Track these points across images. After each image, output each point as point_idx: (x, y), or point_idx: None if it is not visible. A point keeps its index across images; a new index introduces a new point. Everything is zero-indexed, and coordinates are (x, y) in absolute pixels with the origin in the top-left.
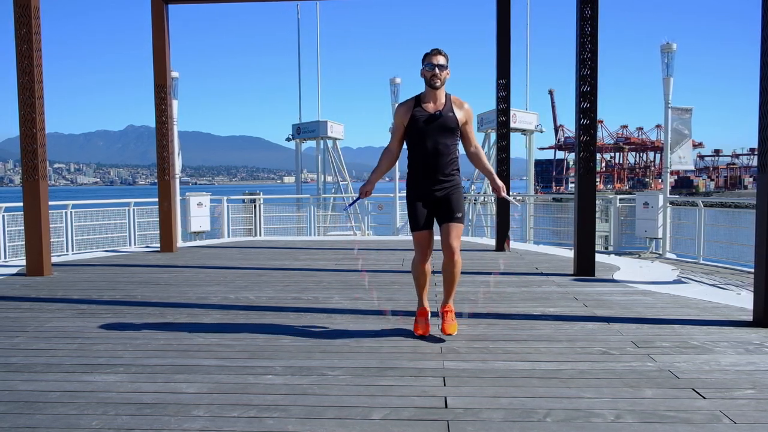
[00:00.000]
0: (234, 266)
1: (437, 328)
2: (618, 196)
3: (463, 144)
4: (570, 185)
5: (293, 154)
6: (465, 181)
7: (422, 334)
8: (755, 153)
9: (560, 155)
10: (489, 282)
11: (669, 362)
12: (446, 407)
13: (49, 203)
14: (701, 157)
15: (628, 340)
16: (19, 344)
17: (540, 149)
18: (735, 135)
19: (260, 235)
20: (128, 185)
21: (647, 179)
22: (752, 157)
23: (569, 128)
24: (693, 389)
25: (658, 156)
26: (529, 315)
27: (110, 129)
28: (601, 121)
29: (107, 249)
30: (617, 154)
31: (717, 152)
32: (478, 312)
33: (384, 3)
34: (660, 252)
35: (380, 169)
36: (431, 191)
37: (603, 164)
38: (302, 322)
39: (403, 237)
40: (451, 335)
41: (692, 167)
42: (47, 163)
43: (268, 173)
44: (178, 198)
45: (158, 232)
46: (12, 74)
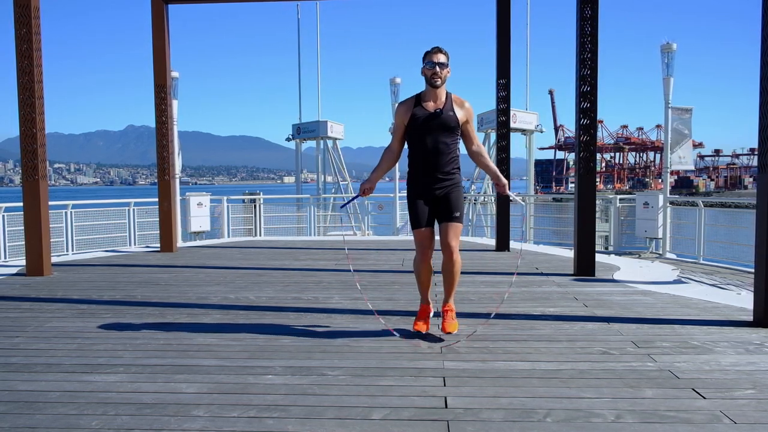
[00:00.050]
0: (234, 266)
1: (437, 328)
2: (618, 196)
3: (465, 143)
4: (570, 185)
5: (293, 154)
6: (465, 181)
7: (420, 331)
8: (755, 153)
9: (560, 155)
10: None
11: (669, 362)
12: (446, 407)
13: (49, 203)
14: (701, 157)
15: (629, 340)
16: (19, 344)
17: (540, 149)
18: (735, 135)
19: (260, 235)
20: (128, 185)
21: (647, 179)
22: (752, 157)
23: (569, 128)
24: (693, 389)
25: (658, 156)
26: (529, 315)
27: (110, 129)
28: (601, 121)
29: (107, 249)
30: (617, 154)
31: (717, 152)
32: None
33: (384, 3)
34: (660, 252)
35: (381, 168)
36: (431, 189)
37: (603, 164)
38: (302, 322)
39: (403, 237)
40: (451, 334)
41: (692, 167)
42: (47, 163)
43: (268, 173)
44: (178, 198)
45: (158, 232)
46: (12, 74)
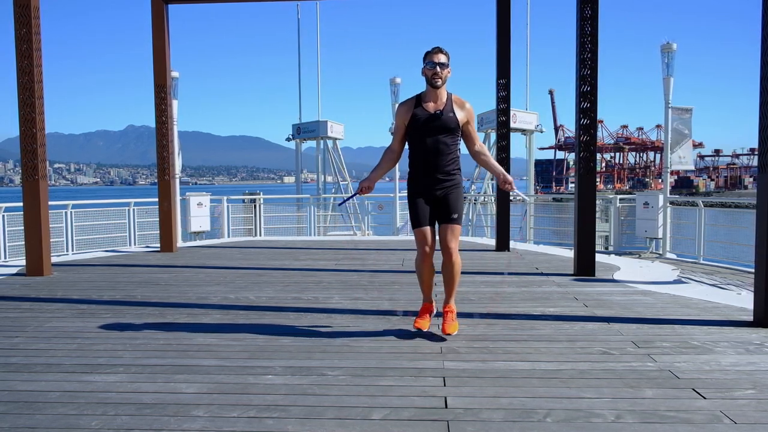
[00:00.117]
0: (234, 266)
1: (437, 328)
2: (618, 196)
3: (466, 144)
4: (570, 185)
5: (293, 154)
6: (465, 181)
7: (421, 329)
8: (755, 153)
9: (560, 155)
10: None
11: (669, 362)
12: (446, 407)
13: (49, 203)
14: (701, 157)
15: (629, 340)
16: (19, 344)
17: (540, 149)
18: (735, 135)
19: (260, 235)
20: (128, 185)
21: (647, 179)
22: (752, 157)
23: (569, 128)
24: (693, 389)
25: (658, 156)
26: (529, 315)
27: (110, 129)
28: (601, 121)
29: (107, 249)
30: (617, 154)
31: (717, 152)
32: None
33: (384, 3)
34: (660, 252)
35: (381, 168)
36: (431, 190)
37: (603, 164)
38: (302, 322)
39: (404, 237)
40: (451, 335)
41: (692, 167)
42: (47, 163)
43: (268, 173)
44: (178, 198)
45: (158, 232)
46: (12, 74)
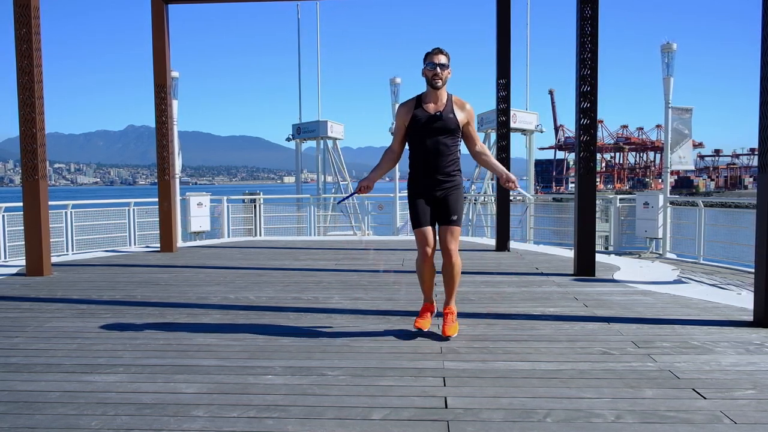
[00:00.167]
0: (234, 266)
1: (437, 328)
2: (618, 196)
3: (467, 144)
4: (570, 185)
5: (293, 154)
6: (465, 182)
7: (421, 329)
8: (755, 153)
9: (560, 155)
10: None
11: (669, 362)
12: (446, 407)
13: (49, 203)
14: (701, 157)
15: (629, 340)
16: (19, 344)
17: (540, 149)
18: (735, 135)
19: (260, 235)
20: (128, 185)
21: (647, 179)
22: (752, 157)
23: (569, 128)
24: (693, 389)
25: (658, 156)
26: (529, 315)
27: (110, 129)
28: (601, 121)
29: (107, 249)
30: (617, 154)
31: (717, 152)
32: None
33: (384, 3)
34: (660, 252)
35: (381, 168)
36: (431, 191)
37: (603, 164)
38: (302, 322)
39: (404, 237)
40: (451, 337)
41: (692, 167)
42: (47, 163)
43: (268, 173)
44: (178, 198)
45: (158, 232)
46: (12, 74)
